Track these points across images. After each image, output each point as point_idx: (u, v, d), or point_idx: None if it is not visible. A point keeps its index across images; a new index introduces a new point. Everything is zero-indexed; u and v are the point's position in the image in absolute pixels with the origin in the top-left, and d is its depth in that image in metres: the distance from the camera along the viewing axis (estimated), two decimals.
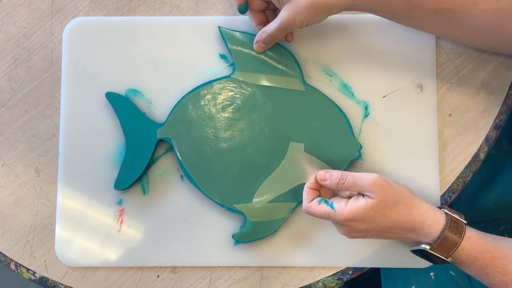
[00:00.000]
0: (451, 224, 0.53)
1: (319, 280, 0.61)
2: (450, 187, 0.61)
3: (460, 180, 0.61)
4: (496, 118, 0.62)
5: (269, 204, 0.60)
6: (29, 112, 0.64)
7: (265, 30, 0.58)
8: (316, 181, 0.55)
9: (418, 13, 0.54)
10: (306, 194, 0.55)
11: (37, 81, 0.64)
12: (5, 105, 0.64)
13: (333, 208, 0.53)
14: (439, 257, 0.53)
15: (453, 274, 0.70)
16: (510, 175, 0.71)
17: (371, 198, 0.52)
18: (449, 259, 0.53)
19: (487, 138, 0.62)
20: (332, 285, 0.61)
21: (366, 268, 0.61)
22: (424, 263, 0.60)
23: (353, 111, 0.62)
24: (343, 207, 0.53)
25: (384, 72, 0.62)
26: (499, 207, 0.73)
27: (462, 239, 0.52)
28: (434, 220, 0.53)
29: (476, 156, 0.62)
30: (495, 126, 0.62)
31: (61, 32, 0.64)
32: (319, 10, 0.54)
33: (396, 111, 0.62)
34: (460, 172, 0.61)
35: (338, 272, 0.61)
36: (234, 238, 0.60)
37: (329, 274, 0.61)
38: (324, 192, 0.56)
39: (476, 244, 0.53)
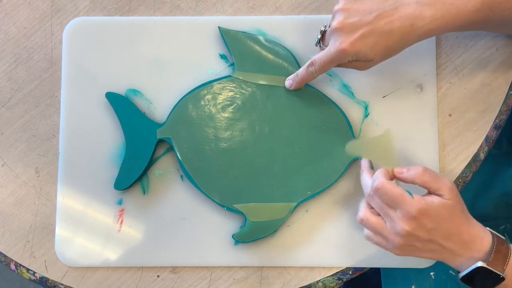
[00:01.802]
0: (497, 237, 0.52)
1: (319, 280, 0.61)
2: None
3: (460, 180, 0.61)
4: (496, 118, 0.62)
5: (269, 204, 0.60)
6: (29, 112, 0.64)
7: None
8: (392, 171, 0.54)
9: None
10: (384, 172, 0.53)
11: (37, 81, 0.64)
12: (5, 105, 0.64)
13: (410, 194, 0.50)
14: (494, 275, 0.51)
15: (453, 274, 0.70)
16: (510, 175, 0.71)
17: (446, 199, 0.51)
18: (504, 275, 0.51)
19: (487, 138, 0.62)
20: (332, 285, 0.61)
21: (366, 268, 0.61)
22: (424, 263, 0.60)
23: (353, 111, 0.62)
24: (420, 198, 0.50)
25: (384, 72, 0.62)
26: (499, 207, 0.73)
27: (511, 251, 0.51)
28: (484, 233, 0.52)
29: (476, 156, 0.62)
30: (495, 126, 0.62)
31: (61, 32, 0.64)
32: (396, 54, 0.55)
33: (396, 111, 0.62)
34: (460, 172, 0.61)
35: (338, 272, 0.61)
36: (234, 238, 0.60)
37: (329, 274, 0.61)
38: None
39: None
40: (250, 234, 0.59)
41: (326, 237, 0.61)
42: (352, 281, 0.64)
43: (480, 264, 0.50)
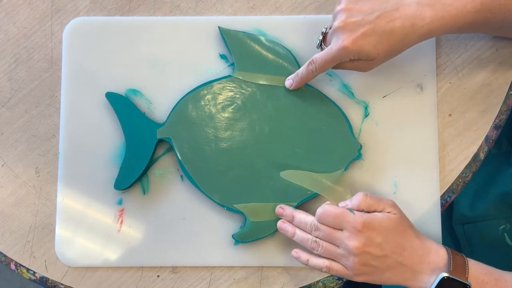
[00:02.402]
0: (448, 248, 0.54)
1: (319, 280, 0.61)
2: (450, 187, 0.61)
3: (460, 180, 0.61)
4: (496, 118, 0.62)
5: (269, 204, 0.60)
6: (29, 112, 0.64)
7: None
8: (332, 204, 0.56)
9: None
10: (326, 203, 0.56)
11: (37, 81, 0.64)
12: (5, 105, 0.64)
13: (352, 212, 0.53)
14: (460, 283, 0.51)
15: None
16: (510, 174, 0.71)
17: (391, 213, 0.53)
18: (468, 282, 0.51)
19: (487, 138, 0.62)
20: (332, 285, 0.61)
21: None
22: None
23: (353, 111, 0.62)
24: (362, 213, 0.53)
25: (384, 72, 0.62)
26: (499, 206, 0.72)
27: (466, 258, 0.53)
28: (437, 245, 0.54)
29: (476, 156, 0.62)
30: (495, 126, 0.62)
31: (61, 32, 0.64)
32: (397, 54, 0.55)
33: (396, 111, 0.62)
34: (460, 172, 0.61)
35: None
36: (234, 238, 0.60)
37: (329, 274, 0.61)
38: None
39: (479, 266, 0.53)
40: (250, 234, 0.59)
41: None
42: (352, 281, 0.64)
43: (444, 274, 0.51)
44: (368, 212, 0.54)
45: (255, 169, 0.60)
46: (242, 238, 0.59)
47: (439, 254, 0.53)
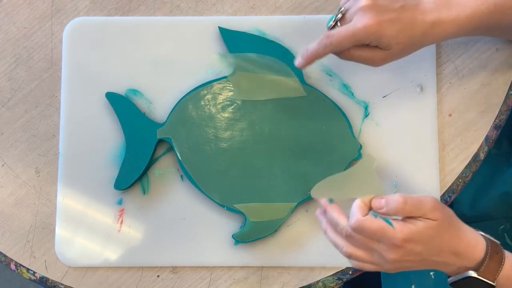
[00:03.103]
0: (492, 244, 0.51)
1: (319, 280, 0.61)
2: (450, 187, 0.61)
3: (460, 180, 0.61)
4: (496, 118, 0.62)
5: (269, 204, 0.60)
6: (29, 112, 0.64)
7: (356, 54, 0.54)
8: (369, 202, 0.50)
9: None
10: (360, 207, 0.49)
11: (37, 81, 0.64)
12: (5, 105, 0.64)
13: (391, 224, 0.47)
14: (484, 284, 0.50)
15: None
16: (510, 174, 0.71)
17: (431, 219, 0.48)
18: (494, 283, 0.50)
19: (487, 138, 0.62)
20: (332, 285, 0.61)
21: None
22: None
23: (353, 111, 0.62)
24: (402, 225, 0.48)
25: (384, 72, 0.62)
26: (499, 206, 0.72)
27: (505, 258, 0.50)
28: (477, 241, 0.51)
29: (476, 156, 0.62)
30: (495, 126, 0.62)
31: (61, 32, 0.64)
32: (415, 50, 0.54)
33: (396, 111, 0.62)
34: (460, 172, 0.61)
35: (338, 272, 0.61)
36: (234, 238, 0.60)
37: (329, 274, 0.61)
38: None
39: None
40: (250, 234, 0.59)
41: None
42: (352, 281, 0.64)
43: (471, 273, 0.50)
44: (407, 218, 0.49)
45: (255, 169, 0.60)
46: (242, 238, 0.59)
47: (474, 252, 0.50)
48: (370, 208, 0.49)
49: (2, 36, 0.65)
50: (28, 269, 0.62)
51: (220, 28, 0.62)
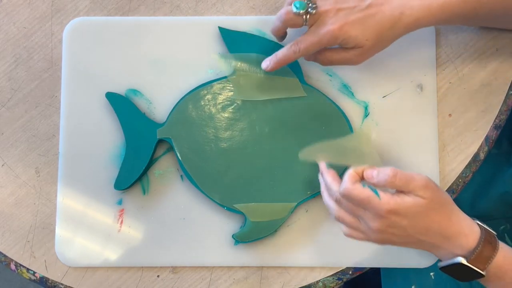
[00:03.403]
0: (487, 235, 0.51)
1: (319, 280, 0.61)
2: (450, 187, 0.61)
3: (460, 180, 0.61)
4: (496, 118, 0.62)
5: (269, 204, 0.60)
6: (29, 112, 0.64)
7: (327, 56, 0.56)
8: (361, 172, 0.51)
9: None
10: (351, 176, 0.50)
11: (37, 81, 0.64)
12: (5, 105, 0.64)
13: (378, 195, 0.49)
14: (474, 271, 0.50)
15: None
16: (510, 174, 0.71)
17: (420, 197, 0.49)
18: (484, 272, 0.50)
19: (487, 138, 0.62)
20: (332, 285, 0.61)
21: (366, 268, 0.61)
22: (424, 263, 0.60)
23: (353, 111, 0.62)
24: (389, 197, 0.49)
25: (384, 72, 0.62)
26: (499, 206, 0.73)
27: (497, 249, 0.50)
28: (471, 229, 0.51)
29: (476, 156, 0.62)
30: (495, 126, 0.62)
31: (61, 32, 0.64)
32: (387, 45, 0.55)
33: (396, 111, 0.62)
34: (460, 172, 0.61)
35: (338, 272, 0.61)
36: (234, 238, 0.60)
37: (329, 274, 0.61)
38: None
39: (509, 255, 0.51)
40: (250, 234, 0.59)
41: (326, 237, 0.61)
42: (352, 281, 0.64)
43: (460, 260, 0.50)
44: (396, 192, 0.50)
45: (255, 169, 0.60)
46: (242, 238, 0.59)
47: (467, 240, 0.50)
48: (362, 178, 0.51)
49: (2, 36, 0.65)
50: (28, 269, 0.62)
51: (220, 28, 0.62)
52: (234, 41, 0.62)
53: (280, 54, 0.55)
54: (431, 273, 0.71)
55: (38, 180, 0.63)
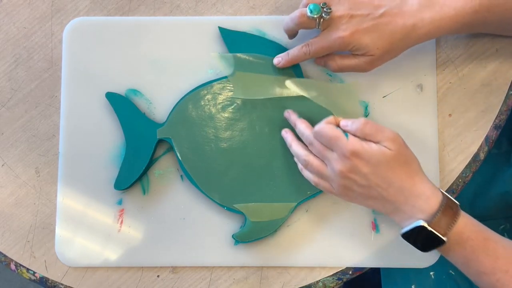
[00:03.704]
0: (448, 201, 0.51)
1: (319, 280, 0.61)
2: (450, 187, 0.61)
3: (460, 180, 0.61)
4: (496, 118, 0.62)
5: (269, 204, 0.60)
6: (29, 112, 0.64)
7: (337, 61, 0.57)
8: (339, 120, 0.54)
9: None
10: (328, 119, 0.54)
11: (37, 81, 0.64)
12: (5, 105, 0.64)
13: (347, 136, 0.51)
14: (435, 237, 0.50)
15: (453, 273, 0.70)
16: (509, 174, 0.71)
17: (386, 147, 0.51)
18: (445, 238, 0.50)
19: (487, 138, 0.62)
20: (332, 285, 0.61)
21: (366, 268, 0.61)
22: (424, 263, 0.60)
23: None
24: (356, 140, 0.51)
25: (384, 72, 0.62)
26: (498, 206, 0.73)
27: (459, 215, 0.51)
28: (433, 193, 0.51)
29: (476, 156, 0.62)
30: (495, 126, 0.62)
31: (61, 32, 0.64)
32: (397, 55, 0.56)
33: (396, 111, 0.62)
34: (460, 172, 0.61)
35: (338, 272, 0.61)
36: (234, 238, 0.60)
37: (329, 274, 0.61)
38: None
39: (470, 223, 0.51)
40: (250, 234, 0.59)
41: (326, 237, 0.61)
42: (352, 281, 0.64)
43: (421, 223, 0.50)
44: (365, 140, 0.52)
45: (255, 169, 0.60)
46: (242, 238, 0.59)
47: (429, 202, 0.51)
48: (338, 125, 0.54)
49: (2, 36, 0.65)
50: (28, 269, 0.62)
51: (220, 28, 0.62)
52: (234, 41, 0.62)
53: (291, 53, 0.58)
54: (431, 273, 0.71)
55: (38, 180, 0.63)
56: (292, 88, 0.60)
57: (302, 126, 0.56)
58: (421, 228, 0.50)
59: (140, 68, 0.63)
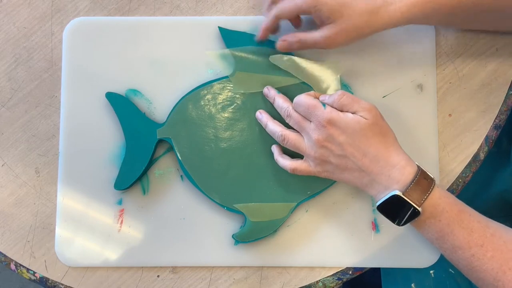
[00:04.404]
0: (423, 172, 0.52)
1: (319, 280, 0.61)
2: (450, 187, 0.61)
3: (460, 180, 0.61)
4: (496, 118, 0.62)
5: (269, 204, 0.60)
6: (29, 112, 0.64)
7: (299, 36, 0.57)
8: (319, 95, 0.56)
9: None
10: (308, 94, 0.56)
11: (37, 81, 0.64)
12: (5, 105, 0.64)
13: (324, 106, 0.53)
14: (410, 208, 0.50)
15: (453, 272, 0.70)
16: (509, 173, 0.71)
17: (362, 117, 0.52)
18: (420, 209, 0.50)
19: (487, 138, 0.62)
20: (332, 285, 0.61)
21: (366, 268, 0.61)
22: (424, 263, 0.60)
23: None
24: (332, 109, 0.53)
25: (384, 72, 0.62)
26: (498, 205, 0.73)
27: (433, 186, 0.51)
28: (408, 163, 0.52)
29: (476, 156, 0.62)
30: (495, 126, 0.62)
31: (61, 32, 0.64)
32: (364, 35, 0.55)
33: (396, 111, 0.62)
34: (460, 172, 0.61)
35: (338, 272, 0.61)
36: (234, 238, 0.60)
37: (329, 274, 0.61)
38: None
39: (444, 195, 0.51)
40: (250, 234, 0.59)
41: (326, 237, 0.61)
42: (352, 281, 0.64)
43: (396, 192, 0.50)
44: (341, 111, 0.54)
45: (255, 169, 0.60)
46: (242, 238, 0.59)
47: (403, 172, 0.51)
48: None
49: (2, 36, 0.65)
50: (28, 269, 0.62)
51: (220, 28, 0.62)
52: (234, 41, 0.62)
53: (263, 23, 0.59)
54: (431, 271, 0.71)
55: (38, 180, 0.63)
56: (276, 63, 0.60)
57: (280, 100, 0.58)
58: (396, 197, 0.50)
59: (140, 68, 0.63)
